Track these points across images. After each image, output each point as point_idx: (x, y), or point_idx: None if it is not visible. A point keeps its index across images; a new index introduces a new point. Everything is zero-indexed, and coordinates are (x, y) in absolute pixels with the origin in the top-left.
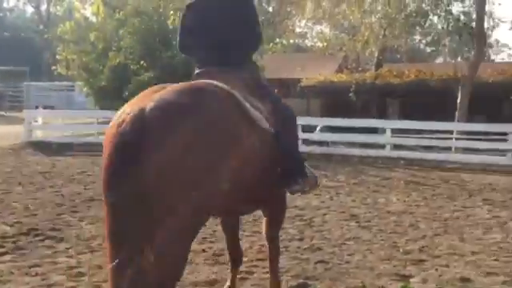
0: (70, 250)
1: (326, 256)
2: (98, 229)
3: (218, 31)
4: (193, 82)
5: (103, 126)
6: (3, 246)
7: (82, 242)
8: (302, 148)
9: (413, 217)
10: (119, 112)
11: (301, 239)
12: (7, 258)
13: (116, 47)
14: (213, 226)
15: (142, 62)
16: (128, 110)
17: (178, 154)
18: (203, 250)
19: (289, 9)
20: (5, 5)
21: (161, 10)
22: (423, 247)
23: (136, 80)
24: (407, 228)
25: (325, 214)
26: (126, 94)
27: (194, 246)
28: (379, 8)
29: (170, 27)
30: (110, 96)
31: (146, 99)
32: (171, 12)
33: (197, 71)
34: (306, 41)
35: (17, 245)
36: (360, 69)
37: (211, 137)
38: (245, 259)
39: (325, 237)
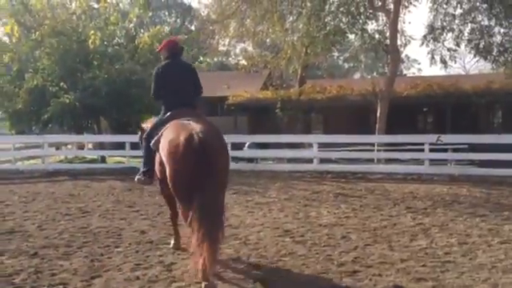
0: None
1: (264, 274)
2: (22, 263)
3: (180, 86)
4: (208, 122)
5: (21, 152)
6: None
7: (4, 279)
8: (232, 165)
9: (344, 228)
10: (183, 135)
11: (237, 258)
12: None
13: (33, 69)
14: (146, 252)
15: (61, 84)
16: (192, 134)
17: (223, 155)
18: (137, 278)
19: (212, 27)
20: None
21: (80, 30)
22: (356, 258)
23: (56, 102)
24: (339, 240)
25: (259, 232)
26: (46, 116)
27: (128, 273)
28: (300, 26)
29: (91, 47)
30: (28, 119)
31: (188, 129)
32: (92, 32)
33: (171, 111)
34: (230, 59)
35: None
36: (284, 85)
37: (227, 149)
38: None
39: (261, 254)
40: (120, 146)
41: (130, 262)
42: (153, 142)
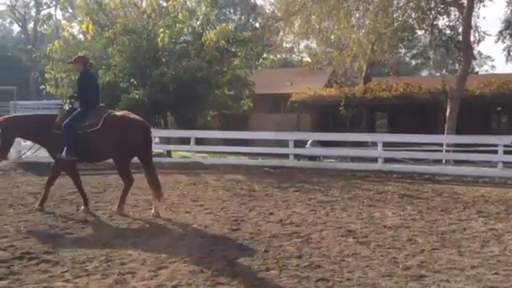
0: (66, 274)
1: (326, 273)
2: (94, 251)
3: (95, 90)
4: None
5: None
6: None
7: (78, 265)
8: (293, 163)
9: (410, 231)
10: (135, 120)
11: (299, 256)
12: (3, 283)
13: (105, 65)
14: (210, 246)
15: (132, 80)
16: (139, 121)
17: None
18: (201, 271)
19: (276, 24)
20: None
21: (150, 28)
22: (423, 262)
23: (127, 98)
24: (405, 243)
25: (322, 230)
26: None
27: (192, 266)
28: (367, 23)
29: (160, 45)
30: None
31: (131, 118)
32: (161, 30)
33: (92, 107)
34: (293, 55)
35: (11, 270)
36: (349, 83)
37: None
38: None
39: (323, 254)
40: (185, 140)
41: (195, 255)
42: (99, 126)
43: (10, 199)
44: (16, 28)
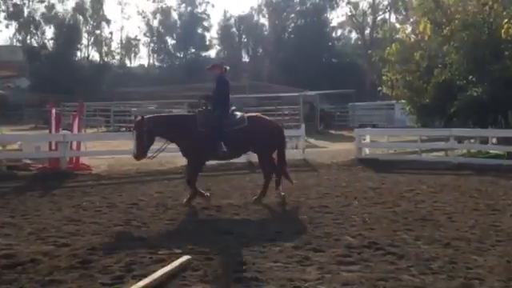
0: (412, 269)
1: None
2: (436, 250)
3: (228, 93)
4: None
5: (426, 144)
6: (350, 256)
7: (422, 262)
8: None
9: None
10: (273, 121)
11: None
12: (356, 267)
13: (441, 64)
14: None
15: (469, 77)
16: (276, 123)
17: None
18: None
19: None
20: (333, 34)
21: (491, 21)
22: None
23: (464, 96)
24: None
25: None
26: (451, 110)
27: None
28: None
29: (503, 37)
30: (433, 113)
31: (269, 119)
32: (505, 20)
33: (228, 108)
34: None
35: (361, 256)
36: None
37: None
38: None
39: None
40: None
41: None
42: (245, 123)
43: (354, 192)
44: (353, 35)
